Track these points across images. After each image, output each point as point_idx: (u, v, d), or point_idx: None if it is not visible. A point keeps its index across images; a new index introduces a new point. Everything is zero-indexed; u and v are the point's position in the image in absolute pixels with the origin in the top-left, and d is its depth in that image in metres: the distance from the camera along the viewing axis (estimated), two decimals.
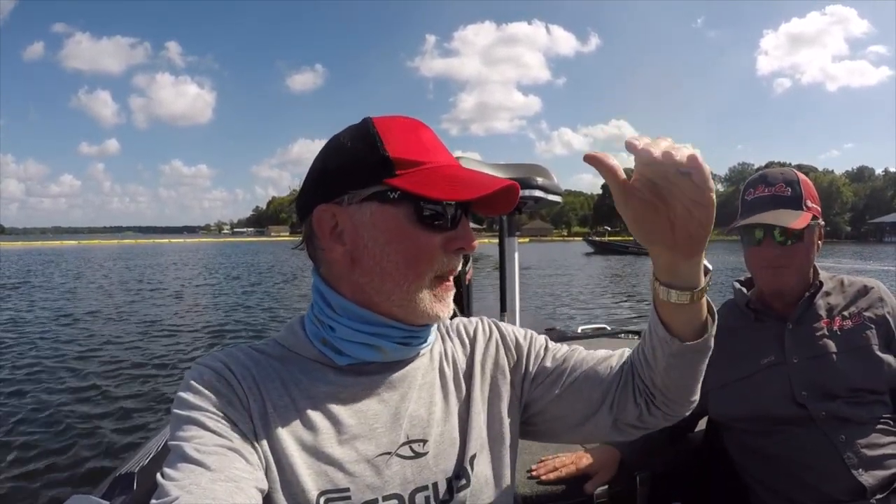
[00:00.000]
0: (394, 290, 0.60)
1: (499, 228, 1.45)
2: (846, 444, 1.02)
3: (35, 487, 3.25)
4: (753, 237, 1.12)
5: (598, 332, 2.81)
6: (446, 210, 0.60)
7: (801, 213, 1.08)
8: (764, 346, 1.13)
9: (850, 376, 1.06)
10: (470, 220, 0.65)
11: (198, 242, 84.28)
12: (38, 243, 74.00)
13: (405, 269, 0.59)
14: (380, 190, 0.59)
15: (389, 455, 0.60)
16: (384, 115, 0.64)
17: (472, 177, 0.60)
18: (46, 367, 5.94)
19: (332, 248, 0.61)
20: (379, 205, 0.59)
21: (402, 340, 0.63)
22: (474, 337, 0.73)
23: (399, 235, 0.59)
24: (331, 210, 0.61)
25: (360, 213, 0.59)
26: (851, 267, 21.11)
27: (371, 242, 0.60)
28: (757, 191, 1.14)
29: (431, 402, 0.65)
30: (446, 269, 0.61)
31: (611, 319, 9.12)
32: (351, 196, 0.60)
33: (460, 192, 0.58)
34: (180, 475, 0.50)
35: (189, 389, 0.57)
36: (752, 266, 1.15)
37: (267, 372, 0.60)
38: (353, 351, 0.62)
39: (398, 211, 0.59)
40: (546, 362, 0.72)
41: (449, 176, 0.59)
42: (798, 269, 1.11)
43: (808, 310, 1.13)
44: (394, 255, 0.59)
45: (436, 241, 0.60)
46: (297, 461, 0.56)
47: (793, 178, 1.13)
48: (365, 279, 0.61)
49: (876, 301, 1.13)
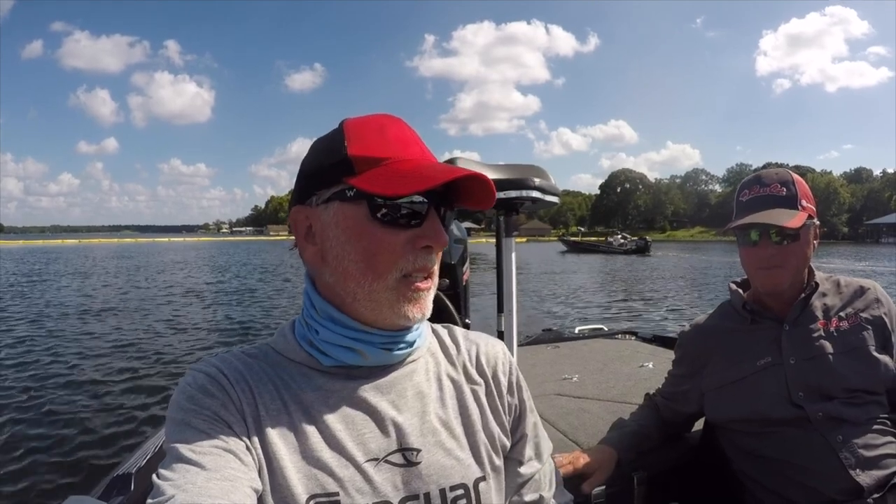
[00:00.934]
0: (357, 290, 0.60)
1: (495, 229, 1.46)
2: (843, 445, 1.02)
3: (31, 488, 3.25)
4: (749, 238, 1.12)
5: (595, 332, 2.82)
6: (409, 206, 0.59)
7: (797, 213, 1.08)
8: (760, 347, 1.14)
9: (846, 377, 1.06)
10: (449, 218, 0.64)
11: (197, 241, 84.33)
12: (40, 242, 74.20)
13: (365, 267, 0.59)
14: (340, 189, 0.59)
15: (378, 461, 0.59)
16: (363, 115, 0.64)
17: (418, 170, 0.59)
18: (43, 367, 5.94)
19: (306, 248, 0.63)
20: (339, 204, 0.59)
21: (383, 346, 0.62)
22: (495, 365, 0.72)
23: (357, 234, 0.59)
24: (303, 212, 0.62)
25: (326, 212, 0.60)
26: (844, 267, 21.27)
27: (334, 242, 0.60)
28: (752, 191, 1.14)
29: (425, 411, 0.64)
30: (413, 268, 0.60)
31: (603, 318, 9.14)
32: (317, 197, 0.61)
33: (406, 186, 0.57)
34: (176, 475, 0.51)
35: (184, 393, 0.57)
36: (748, 266, 1.15)
37: (260, 376, 0.61)
38: (334, 353, 0.61)
39: (357, 209, 0.59)
40: (516, 446, 0.72)
41: (405, 171, 0.58)
42: (794, 268, 1.12)
43: (805, 311, 1.13)
44: (353, 253, 0.59)
45: (398, 238, 0.59)
46: (287, 465, 0.56)
47: (787, 179, 1.13)
48: (333, 279, 0.61)
49: (872, 302, 1.14)
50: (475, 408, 0.68)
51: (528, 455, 0.72)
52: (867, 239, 72.00)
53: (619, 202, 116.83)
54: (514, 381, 0.73)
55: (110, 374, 5.67)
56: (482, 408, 0.69)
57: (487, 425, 0.68)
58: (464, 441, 0.65)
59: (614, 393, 1.77)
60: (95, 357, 6.46)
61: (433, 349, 0.70)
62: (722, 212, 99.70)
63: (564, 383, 1.92)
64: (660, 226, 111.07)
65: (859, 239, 73.05)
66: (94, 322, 9.11)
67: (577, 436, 1.42)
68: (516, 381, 0.74)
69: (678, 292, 14.09)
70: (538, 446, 0.74)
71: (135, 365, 6.08)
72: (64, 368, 5.91)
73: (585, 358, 2.27)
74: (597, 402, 1.68)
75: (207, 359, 0.62)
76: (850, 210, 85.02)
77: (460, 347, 0.72)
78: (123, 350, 6.86)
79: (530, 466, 0.72)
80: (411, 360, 0.66)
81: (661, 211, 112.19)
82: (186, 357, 6.62)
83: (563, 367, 2.13)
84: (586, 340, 2.64)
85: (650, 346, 2.42)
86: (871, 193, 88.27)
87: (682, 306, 11.13)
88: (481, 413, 0.68)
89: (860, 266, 23.26)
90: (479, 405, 0.68)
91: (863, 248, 51.59)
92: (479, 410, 0.68)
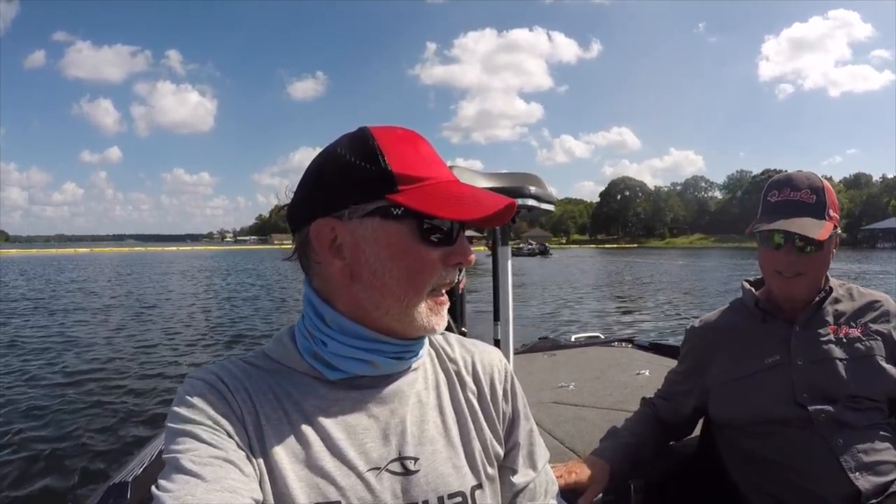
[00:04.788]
0: (393, 305, 0.60)
1: (492, 238, 1.47)
2: (843, 448, 1.02)
3: (29, 497, 3.23)
4: (773, 241, 1.10)
5: (591, 340, 2.82)
6: (446, 226, 0.61)
7: (824, 223, 1.07)
8: (770, 345, 1.13)
9: (851, 383, 1.06)
10: (465, 232, 0.65)
11: (204, 250, 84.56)
12: (53, 251, 74.55)
13: (406, 284, 0.60)
14: (383, 205, 0.59)
15: (379, 470, 0.60)
16: (380, 126, 0.63)
17: (472, 194, 0.61)
18: (40, 375, 5.90)
19: (331, 262, 0.61)
20: (381, 220, 0.59)
21: (395, 355, 0.63)
22: (491, 372, 0.73)
23: (401, 251, 0.59)
24: (330, 224, 0.60)
25: (362, 228, 0.59)
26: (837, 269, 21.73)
27: (373, 258, 0.60)
28: (782, 194, 1.11)
29: (424, 420, 0.64)
30: (443, 283, 0.62)
31: (601, 326, 9.15)
32: (352, 211, 0.59)
33: (465, 211, 0.58)
34: (176, 486, 0.50)
35: (183, 402, 0.57)
36: (767, 269, 1.14)
37: (259, 385, 0.61)
38: (345, 365, 0.61)
39: (401, 227, 0.59)
40: (509, 454, 0.72)
41: (450, 193, 0.60)
42: (813, 277, 1.11)
43: (817, 314, 1.13)
44: (395, 270, 0.59)
45: (435, 255, 0.60)
46: (289, 473, 0.56)
47: (819, 186, 1.10)
48: (364, 294, 0.61)
49: (883, 315, 1.13)
50: (470, 416, 0.68)
51: (521, 463, 0.72)
52: (864, 244, 72.05)
53: (619, 209, 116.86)
54: (510, 388, 0.74)
55: (107, 381, 5.64)
56: (476, 415, 0.69)
57: (482, 433, 0.68)
58: (460, 449, 0.65)
59: (611, 401, 1.77)
60: (93, 363, 6.44)
61: (430, 357, 0.71)
62: (722, 219, 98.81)
63: (561, 391, 1.92)
64: (659, 233, 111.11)
65: (857, 244, 73.08)
66: (93, 325, 9.10)
67: (574, 444, 1.43)
68: (511, 389, 0.74)
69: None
70: (532, 455, 0.74)
71: (133, 371, 6.06)
72: (61, 375, 5.88)
73: (582, 366, 2.27)
74: (593, 410, 1.68)
75: (206, 366, 0.62)
76: (849, 215, 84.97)
77: (456, 354, 0.73)
78: (121, 357, 6.83)
79: (524, 475, 0.72)
80: (412, 368, 0.67)
81: (661, 218, 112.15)
82: (185, 361, 6.61)
83: (559, 374, 2.14)
84: (583, 348, 2.65)
85: (646, 353, 2.43)
86: (870, 198, 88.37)
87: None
88: (476, 421, 0.68)
89: (854, 268, 23.52)
90: (474, 413, 0.69)
91: (859, 253, 52.35)
92: (474, 418, 0.68)
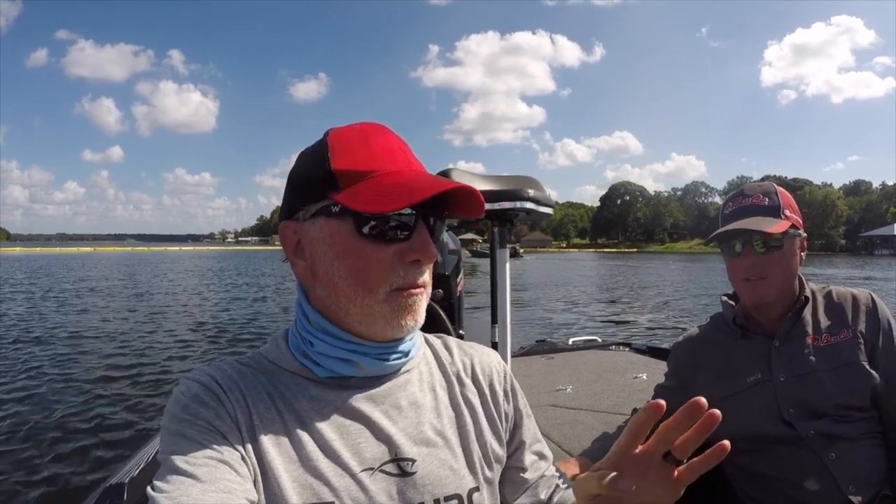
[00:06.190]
0: (349, 306, 0.60)
1: (489, 240, 1.47)
2: (835, 462, 1.02)
3: (24, 499, 3.22)
4: (733, 249, 1.13)
5: (588, 343, 2.83)
6: (396, 219, 0.59)
7: (779, 221, 1.09)
8: (750, 363, 1.13)
9: (836, 393, 1.05)
10: (440, 229, 0.64)
11: (206, 250, 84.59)
12: (56, 249, 74.59)
13: (354, 283, 0.59)
14: (325, 205, 0.59)
15: (373, 471, 0.59)
16: (348, 125, 0.63)
17: (405, 184, 0.58)
18: (36, 376, 5.89)
19: (297, 262, 0.63)
20: (325, 220, 0.59)
21: (378, 356, 0.63)
22: (490, 374, 0.73)
23: (345, 250, 0.59)
24: (291, 227, 0.62)
25: (313, 228, 0.60)
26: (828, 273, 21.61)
27: (324, 258, 0.60)
28: (735, 203, 1.16)
29: (420, 421, 0.64)
30: (404, 283, 0.59)
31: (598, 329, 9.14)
32: (304, 212, 0.61)
33: (391, 202, 0.56)
34: (171, 487, 0.51)
35: (178, 403, 0.57)
36: (734, 278, 1.15)
37: (254, 385, 0.61)
38: (330, 365, 0.62)
39: (342, 225, 0.59)
40: (514, 454, 0.72)
41: (389, 185, 0.57)
42: (779, 280, 1.11)
43: (795, 326, 1.13)
44: (342, 269, 0.59)
45: (386, 253, 0.58)
46: (282, 474, 0.56)
47: (770, 190, 1.15)
48: (324, 294, 0.61)
49: (865, 312, 1.12)
50: (470, 417, 0.68)
51: (528, 461, 0.73)
52: (862, 251, 72.15)
53: (619, 214, 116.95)
54: (510, 389, 0.74)
55: (103, 382, 5.63)
56: (477, 417, 0.69)
57: (482, 435, 0.68)
58: (458, 451, 0.65)
59: (608, 404, 1.77)
60: (88, 365, 6.42)
61: (427, 359, 0.70)
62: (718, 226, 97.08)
63: (558, 394, 1.92)
64: (659, 237, 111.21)
65: (856, 251, 73.17)
66: (93, 327, 9.07)
67: (572, 447, 1.43)
68: (511, 389, 0.74)
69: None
70: (540, 452, 0.75)
71: (128, 373, 6.04)
72: (57, 376, 5.86)
73: (579, 369, 2.28)
74: (591, 413, 1.69)
75: (201, 367, 0.62)
76: (848, 222, 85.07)
77: (455, 357, 0.72)
78: (117, 358, 6.81)
79: (535, 469, 0.73)
80: (406, 370, 0.66)
81: (661, 223, 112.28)
82: (181, 360, 6.61)
83: (557, 378, 2.14)
84: (580, 351, 2.65)
85: (644, 357, 2.43)
86: (870, 206, 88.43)
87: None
88: (476, 422, 0.68)
89: (857, 273, 23.63)
90: (474, 415, 0.68)
91: (857, 259, 52.70)
92: (473, 420, 0.68)
